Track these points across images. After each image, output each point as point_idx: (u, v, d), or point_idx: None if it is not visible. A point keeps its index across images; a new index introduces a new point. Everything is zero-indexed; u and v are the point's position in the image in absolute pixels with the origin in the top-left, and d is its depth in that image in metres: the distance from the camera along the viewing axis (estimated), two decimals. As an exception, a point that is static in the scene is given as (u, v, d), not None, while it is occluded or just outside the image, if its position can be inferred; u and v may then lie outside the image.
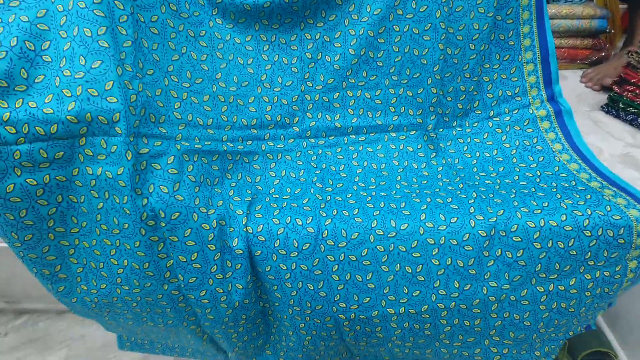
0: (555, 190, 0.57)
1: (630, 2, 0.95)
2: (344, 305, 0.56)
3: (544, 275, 0.54)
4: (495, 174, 0.63)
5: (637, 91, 0.78)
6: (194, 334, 0.64)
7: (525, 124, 0.68)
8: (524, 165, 0.64)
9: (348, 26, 0.64)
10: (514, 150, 0.67)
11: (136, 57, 0.50)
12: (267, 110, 0.64)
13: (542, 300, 0.55)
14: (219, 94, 0.60)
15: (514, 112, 0.69)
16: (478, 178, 0.62)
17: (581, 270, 0.54)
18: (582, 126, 0.80)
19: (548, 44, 0.66)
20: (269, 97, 0.64)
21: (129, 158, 0.47)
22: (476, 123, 0.70)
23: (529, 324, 0.57)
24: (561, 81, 0.98)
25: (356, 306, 0.56)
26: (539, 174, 0.62)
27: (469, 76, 0.68)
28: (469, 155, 0.67)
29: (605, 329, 0.84)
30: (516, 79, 0.68)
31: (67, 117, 0.45)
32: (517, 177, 0.62)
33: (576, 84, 0.95)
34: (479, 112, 0.70)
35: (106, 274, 0.53)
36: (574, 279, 0.54)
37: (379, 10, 0.62)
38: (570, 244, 0.52)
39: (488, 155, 0.67)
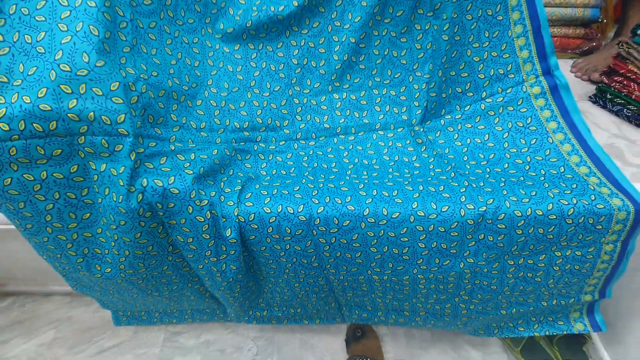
0: (543, 179, 0.58)
1: (624, -8, 0.95)
2: (334, 271, 0.61)
3: (517, 253, 0.56)
4: (485, 162, 0.64)
5: (625, 82, 0.79)
6: (198, 293, 0.68)
7: (518, 103, 0.66)
8: (514, 151, 0.64)
9: (331, 33, 0.66)
10: (506, 134, 0.66)
11: (136, 61, 0.50)
12: (258, 113, 0.66)
13: (510, 270, 0.59)
14: (211, 99, 0.62)
15: (507, 92, 0.67)
16: (468, 167, 0.63)
17: (552, 249, 0.56)
18: (570, 116, 0.82)
19: (539, 14, 0.63)
20: (259, 101, 0.66)
21: (132, 158, 0.48)
22: (468, 106, 0.69)
23: (495, 287, 0.61)
24: (552, 70, 0.98)
25: (345, 272, 0.61)
26: (529, 160, 0.62)
27: (462, 66, 0.68)
28: (460, 144, 0.67)
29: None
30: (508, 55, 0.66)
31: (69, 114, 0.44)
32: (506, 165, 0.62)
33: (566, 73, 0.96)
34: (471, 94, 0.69)
35: (110, 260, 0.55)
36: (544, 255, 0.57)
37: (359, 17, 0.64)
38: (550, 230, 0.54)
39: (479, 141, 0.67)
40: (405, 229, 0.53)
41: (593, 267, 0.59)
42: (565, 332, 0.70)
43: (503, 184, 0.57)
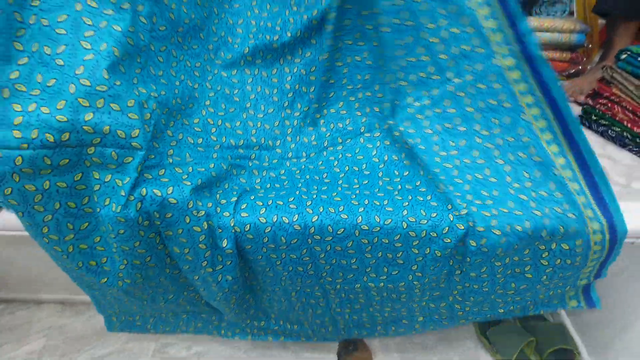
0: (509, 169, 0.58)
1: (608, 18, 1.00)
2: (330, 279, 0.62)
3: (503, 255, 0.57)
4: (456, 152, 0.62)
5: (610, 105, 0.82)
6: (193, 300, 0.69)
7: (491, 79, 0.59)
8: (486, 133, 0.61)
9: (322, 62, 0.71)
10: (478, 115, 0.62)
11: (147, 82, 0.52)
12: (253, 133, 0.69)
13: (498, 271, 0.59)
14: (208, 118, 0.65)
15: (476, 68, 0.60)
16: (438, 160, 0.62)
17: (535, 244, 0.56)
18: (557, 135, 0.85)
19: None
20: (253, 122, 0.69)
21: (138, 170, 0.49)
22: (435, 90, 0.64)
23: (487, 289, 0.62)
24: (540, 91, 1.02)
25: (341, 280, 0.62)
26: (499, 143, 0.60)
27: (420, 50, 0.64)
28: (430, 131, 0.65)
29: (570, 327, 0.89)
30: (472, 29, 0.58)
31: (84, 127, 0.45)
32: (476, 153, 0.61)
33: (554, 94, 1.00)
34: (437, 77, 0.64)
35: (109, 268, 0.55)
36: (527, 250, 0.57)
37: (329, 52, 0.69)
38: (529, 232, 0.55)
39: (450, 126, 0.64)
40: (399, 235, 0.55)
41: (585, 258, 0.57)
42: (559, 310, 0.69)
43: (468, 187, 0.58)
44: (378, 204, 0.57)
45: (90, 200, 0.50)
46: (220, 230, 0.54)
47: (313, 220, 0.55)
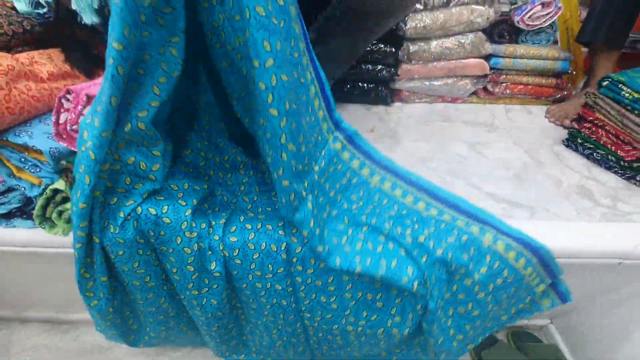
0: (389, 225, 0.61)
1: (590, 47, 1.06)
2: (309, 315, 0.61)
3: (440, 304, 0.57)
4: (343, 225, 0.62)
5: (594, 129, 0.86)
6: (193, 326, 0.68)
7: (334, 162, 0.61)
8: (355, 207, 0.63)
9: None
10: (340, 196, 0.63)
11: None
12: (241, 167, 0.68)
13: (440, 318, 0.59)
14: (201, 151, 0.65)
15: (322, 154, 0.60)
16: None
17: (456, 278, 0.56)
18: (544, 158, 0.88)
19: (320, 75, 0.58)
20: (242, 158, 0.67)
21: (144, 197, 0.51)
22: (306, 182, 0.59)
23: (441, 339, 0.61)
24: (527, 115, 1.06)
25: (319, 319, 0.61)
26: (368, 211, 0.62)
27: (301, 139, 0.57)
28: (316, 212, 0.60)
29: (563, 347, 0.89)
30: (313, 118, 0.57)
31: (115, 155, 0.48)
32: (366, 228, 0.62)
33: (541, 118, 1.04)
34: (307, 167, 0.59)
35: (103, 294, 0.54)
36: (455, 286, 0.56)
37: None
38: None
39: (326, 214, 0.62)
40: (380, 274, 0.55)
41: (506, 263, 0.54)
42: (535, 312, 0.64)
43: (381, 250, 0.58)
44: (360, 244, 0.57)
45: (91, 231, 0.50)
46: (211, 253, 0.54)
47: (297, 251, 0.55)
